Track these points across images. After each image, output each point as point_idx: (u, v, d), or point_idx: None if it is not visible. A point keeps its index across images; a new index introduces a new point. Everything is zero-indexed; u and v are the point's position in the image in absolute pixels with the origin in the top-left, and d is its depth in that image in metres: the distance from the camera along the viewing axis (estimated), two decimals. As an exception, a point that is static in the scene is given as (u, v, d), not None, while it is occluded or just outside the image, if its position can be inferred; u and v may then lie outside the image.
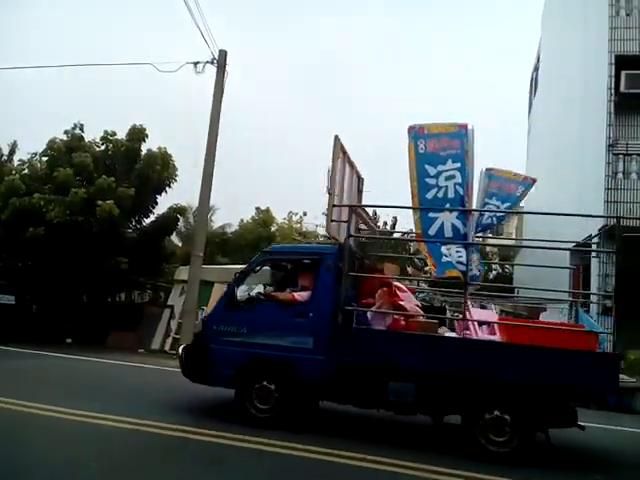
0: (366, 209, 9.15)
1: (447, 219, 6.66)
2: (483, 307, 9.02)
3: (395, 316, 6.96)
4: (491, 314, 8.07)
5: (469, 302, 7.63)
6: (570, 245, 15.13)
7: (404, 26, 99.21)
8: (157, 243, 16.65)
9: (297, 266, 7.60)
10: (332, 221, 7.05)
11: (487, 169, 8.82)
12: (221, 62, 14.97)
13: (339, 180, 7.43)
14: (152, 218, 16.77)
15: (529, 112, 26.25)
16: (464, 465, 5.73)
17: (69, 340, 15.26)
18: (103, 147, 16.45)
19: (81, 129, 16.47)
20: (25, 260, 15.69)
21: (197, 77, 14.08)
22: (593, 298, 12.57)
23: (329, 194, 7.01)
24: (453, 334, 7.06)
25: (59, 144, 15.80)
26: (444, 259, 6.67)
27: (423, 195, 6.74)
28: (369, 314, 6.93)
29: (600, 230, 12.84)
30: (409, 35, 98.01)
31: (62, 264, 14.68)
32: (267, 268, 8.04)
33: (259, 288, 7.54)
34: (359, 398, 6.83)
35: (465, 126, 6.78)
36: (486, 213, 8.42)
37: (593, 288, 12.70)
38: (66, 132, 16.26)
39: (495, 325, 7.15)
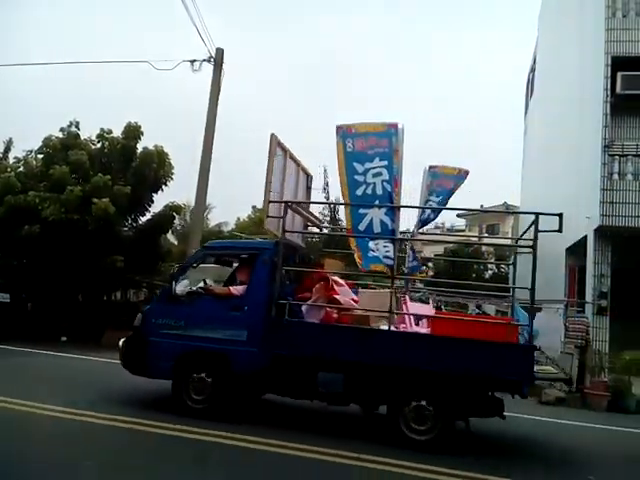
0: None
1: (376, 215, 6.84)
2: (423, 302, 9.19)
3: (328, 309, 7.12)
4: (428, 308, 8.22)
5: (407, 297, 8.02)
6: (566, 245, 15.20)
7: (404, 26, 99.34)
8: (153, 241, 16.59)
9: (236, 261, 7.86)
10: (268, 217, 7.20)
11: (430, 167, 9.07)
12: (218, 60, 14.97)
13: (279, 177, 7.59)
14: (148, 216, 16.70)
15: (525, 113, 26.34)
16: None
17: (64, 338, 15.19)
18: (99, 145, 16.35)
19: (77, 127, 16.34)
20: (20, 258, 15.60)
21: (195, 75, 14.11)
22: (588, 298, 12.66)
23: (265, 190, 7.19)
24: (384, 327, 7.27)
25: (55, 142, 15.69)
26: (371, 254, 6.90)
27: (353, 192, 6.94)
28: (304, 307, 7.11)
29: (596, 231, 12.91)
30: (409, 35, 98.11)
31: (57, 262, 14.60)
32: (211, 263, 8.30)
33: (201, 282, 7.69)
34: (291, 389, 7.03)
35: (395, 125, 6.91)
36: (423, 209, 8.79)
37: (588, 289, 12.76)
38: (62, 130, 16.14)
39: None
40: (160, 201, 16.67)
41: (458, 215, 44.32)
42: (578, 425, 8.98)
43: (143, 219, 16.74)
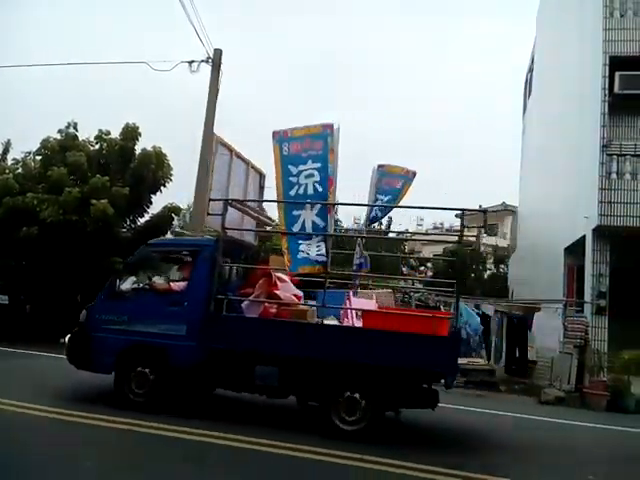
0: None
1: (308, 217, 7.00)
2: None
3: (267, 304, 7.29)
4: (372, 303, 8.25)
5: (350, 292, 8.19)
6: (565, 245, 15.21)
7: (403, 26, 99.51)
8: (152, 243, 16.57)
9: (179, 258, 8.07)
10: (208, 214, 7.38)
11: (379, 166, 9.23)
12: (216, 61, 14.92)
13: (223, 176, 7.78)
14: (147, 217, 16.69)
15: (524, 113, 26.36)
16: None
17: (63, 340, 15.15)
18: (97, 146, 16.31)
19: (75, 128, 16.31)
20: (19, 259, 15.56)
21: (195, 76, 14.06)
22: (587, 298, 12.67)
23: (207, 189, 7.43)
24: (335, 322, 7.48)
25: (53, 143, 15.66)
26: (300, 255, 7.01)
27: (287, 192, 7.13)
28: (244, 303, 7.29)
29: (594, 230, 12.91)
30: (409, 35, 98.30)
31: (56, 264, 14.58)
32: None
33: (147, 279, 7.83)
34: (230, 383, 7.21)
35: (330, 126, 7.08)
36: (372, 207, 8.98)
37: (587, 288, 12.77)
38: (60, 131, 16.10)
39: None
40: (159, 202, 16.66)
41: (457, 215, 44.12)
42: (577, 425, 8.98)
43: (142, 220, 16.71)
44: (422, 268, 30.41)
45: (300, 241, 7.06)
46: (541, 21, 22.95)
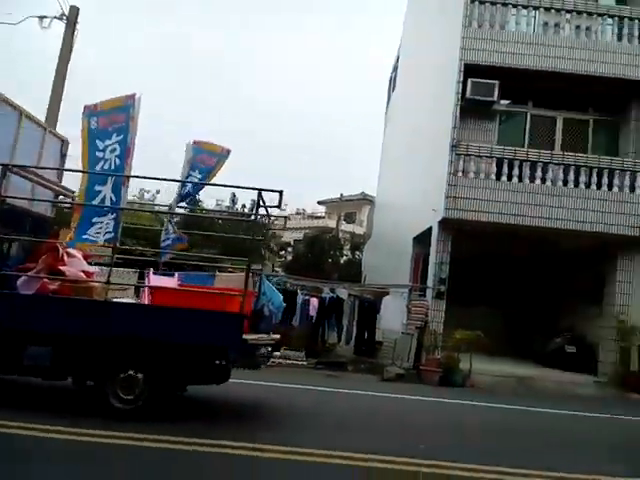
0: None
1: (108, 192, 6.91)
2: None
3: (46, 280, 6.83)
4: (172, 281, 8.19)
5: (150, 271, 7.91)
6: (414, 234, 16.33)
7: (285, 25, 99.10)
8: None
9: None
10: None
11: (194, 142, 9.43)
12: (71, 19, 13.74)
13: (9, 138, 7.27)
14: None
15: (387, 109, 27.82)
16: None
17: None
18: None
19: None
20: None
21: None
22: (429, 284, 13.75)
23: None
24: (130, 300, 7.34)
25: None
26: (86, 234, 6.83)
27: (92, 168, 7.04)
28: (20, 279, 6.77)
29: (440, 222, 14.01)
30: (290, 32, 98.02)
31: None
32: None
33: None
34: None
35: (133, 97, 7.12)
36: (186, 184, 8.93)
37: (430, 275, 13.83)
38: None
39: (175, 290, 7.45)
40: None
41: (319, 202, 45.51)
42: (405, 398, 9.80)
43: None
44: (282, 252, 30.81)
45: (94, 218, 6.73)
46: (407, 23, 24.24)
